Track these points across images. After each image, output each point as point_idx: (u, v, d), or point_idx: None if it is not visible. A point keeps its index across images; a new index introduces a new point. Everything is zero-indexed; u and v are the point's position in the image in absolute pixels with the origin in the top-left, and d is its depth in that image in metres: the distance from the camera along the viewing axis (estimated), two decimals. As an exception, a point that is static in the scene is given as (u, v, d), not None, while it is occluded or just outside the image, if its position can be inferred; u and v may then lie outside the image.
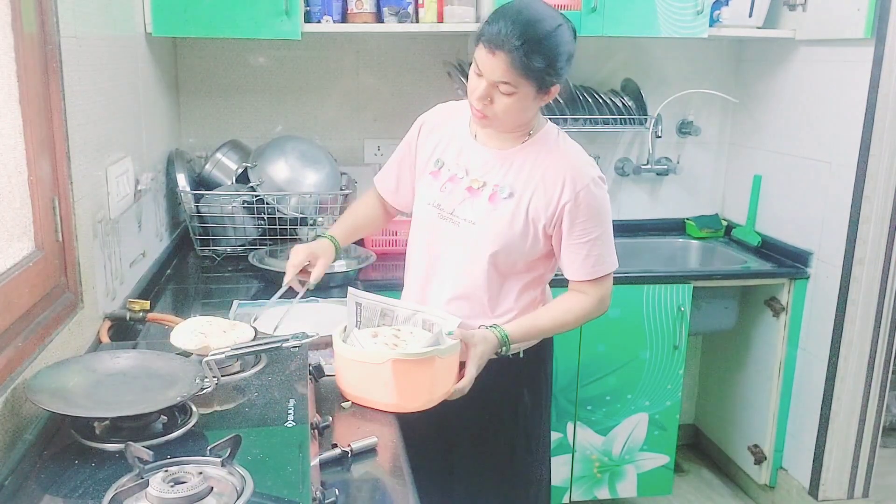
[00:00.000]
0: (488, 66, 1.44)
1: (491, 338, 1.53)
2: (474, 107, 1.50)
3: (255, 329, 1.49)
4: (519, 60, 1.40)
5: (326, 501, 1.02)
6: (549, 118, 1.68)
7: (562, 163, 1.55)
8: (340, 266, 2.20)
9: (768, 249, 2.74)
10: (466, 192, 1.60)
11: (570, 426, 2.55)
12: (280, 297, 1.73)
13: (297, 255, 1.70)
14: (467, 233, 1.59)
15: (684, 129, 2.96)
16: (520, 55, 1.40)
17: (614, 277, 2.51)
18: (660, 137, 2.84)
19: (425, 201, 1.67)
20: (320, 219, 2.44)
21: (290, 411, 1.18)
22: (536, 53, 1.41)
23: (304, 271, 1.71)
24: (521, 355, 1.68)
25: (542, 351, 1.74)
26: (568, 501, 2.62)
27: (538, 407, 1.77)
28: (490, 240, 1.57)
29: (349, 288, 1.55)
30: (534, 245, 1.58)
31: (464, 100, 1.64)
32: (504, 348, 1.54)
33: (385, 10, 2.40)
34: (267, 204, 2.41)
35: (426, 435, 1.56)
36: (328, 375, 1.51)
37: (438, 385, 1.42)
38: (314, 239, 1.89)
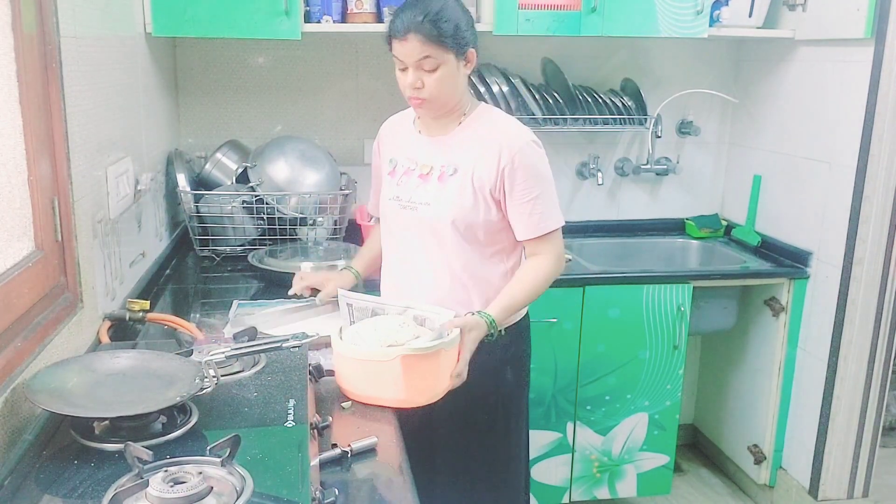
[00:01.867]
0: (406, 51, 1.58)
1: (481, 322, 1.60)
2: (411, 97, 1.65)
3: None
4: (429, 31, 1.55)
5: (326, 501, 1.02)
6: (549, 118, 1.71)
7: (495, 132, 1.68)
8: (341, 266, 2.19)
9: (768, 249, 2.74)
10: (419, 180, 1.73)
11: (569, 426, 2.55)
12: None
13: (309, 277, 1.94)
14: (425, 214, 1.71)
15: (684, 129, 2.96)
16: (428, 27, 1.55)
17: (613, 277, 2.56)
18: (659, 137, 2.84)
19: (386, 197, 1.80)
20: (320, 219, 2.44)
21: (290, 411, 1.18)
22: (441, 20, 1.56)
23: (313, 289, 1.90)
24: (503, 333, 1.73)
25: (521, 327, 1.82)
26: (568, 501, 2.62)
27: (519, 385, 1.86)
28: (446, 214, 1.69)
29: (339, 290, 1.64)
30: (487, 212, 1.68)
31: (407, 109, 1.83)
32: (492, 331, 1.61)
33: (385, 10, 2.39)
34: (267, 204, 2.41)
35: (409, 414, 1.57)
36: (328, 375, 1.51)
37: (442, 377, 1.47)
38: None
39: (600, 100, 2.72)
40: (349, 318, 1.59)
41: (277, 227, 2.43)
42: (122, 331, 1.68)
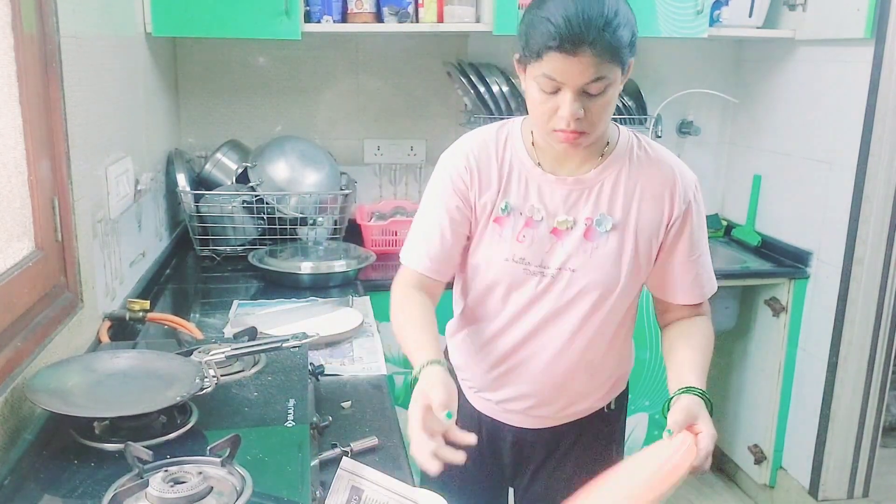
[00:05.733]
0: (573, 71, 1.15)
1: (696, 400, 1.20)
2: (561, 131, 1.21)
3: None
4: (609, 44, 1.14)
5: (326, 502, 1.02)
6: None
7: (663, 170, 1.32)
8: (340, 266, 2.20)
9: (768, 249, 2.74)
10: (552, 237, 1.31)
11: (569, 426, 2.55)
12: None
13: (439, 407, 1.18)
14: (568, 283, 1.32)
15: (684, 129, 2.96)
16: (609, 37, 1.13)
17: None
18: (660, 137, 2.83)
19: (501, 256, 1.33)
20: (320, 219, 2.44)
21: (290, 411, 1.18)
22: (622, 27, 1.15)
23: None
24: (613, 406, 1.47)
25: (624, 396, 1.53)
26: (568, 501, 2.62)
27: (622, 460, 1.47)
28: (600, 282, 1.31)
29: (342, 466, 1.10)
30: (640, 277, 1.36)
31: (484, 126, 1.42)
32: (702, 394, 1.22)
33: (385, 10, 2.40)
34: (267, 204, 2.41)
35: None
36: (328, 375, 1.51)
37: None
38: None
39: (600, 100, 2.72)
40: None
41: (277, 227, 2.43)
42: (122, 331, 1.68)
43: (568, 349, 1.36)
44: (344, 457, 1.15)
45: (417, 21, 2.41)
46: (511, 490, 1.60)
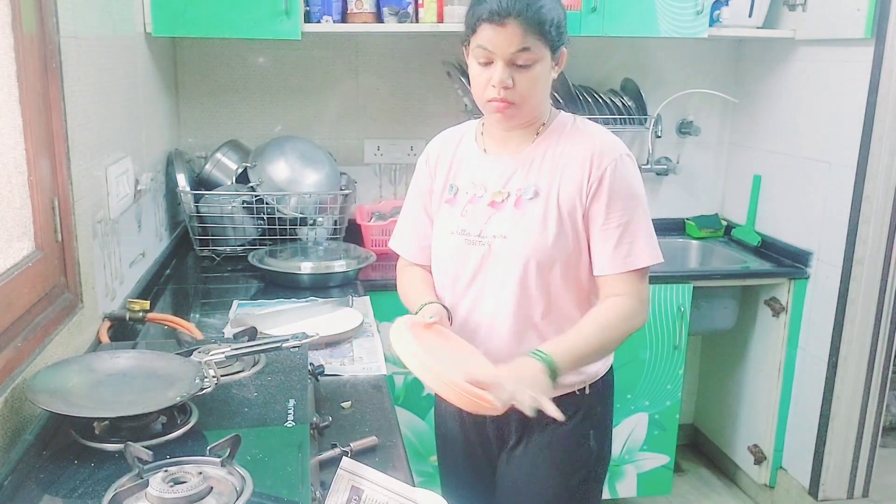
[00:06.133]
0: (501, 40, 1.29)
1: (531, 362, 1.28)
2: (493, 100, 1.34)
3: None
4: (533, 18, 1.29)
5: (326, 502, 1.02)
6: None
7: (584, 143, 1.39)
8: (340, 266, 2.20)
9: (768, 249, 2.74)
10: (490, 209, 1.43)
11: (569, 426, 2.55)
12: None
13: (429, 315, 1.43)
14: (501, 249, 1.41)
15: (684, 129, 2.96)
16: (533, 11, 1.29)
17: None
18: (659, 137, 2.84)
19: (447, 231, 1.47)
20: (320, 219, 2.44)
21: (290, 411, 1.18)
22: (546, 7, 1.30)
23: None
24: (587, 391, 1.48)
25: (606, 383, 1.54)
26: (568, 501, 2.62)
27: (602, 455, 1.54)
28: (528, 246, 1.39)
29: (342, 465, 1.13)
30: (576, 242, 1.40)
31: (459, 124, 1.57)
32: (547, 362, 1.28)
33: (385, 10, 2.40)
34: (267, 204, 2.41)
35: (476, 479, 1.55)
36: (328, 375, 1.51)
37: None
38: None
39: (600, 100, 2.72)
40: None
41: (277, 227, 2.43)
42: (122, 331, 1.68)
43: (513, 317, 1.42)
44: (344, 457, 1.15)
45: (417, 21, 2.41)
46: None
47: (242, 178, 2.46)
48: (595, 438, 1.51)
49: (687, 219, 3.01)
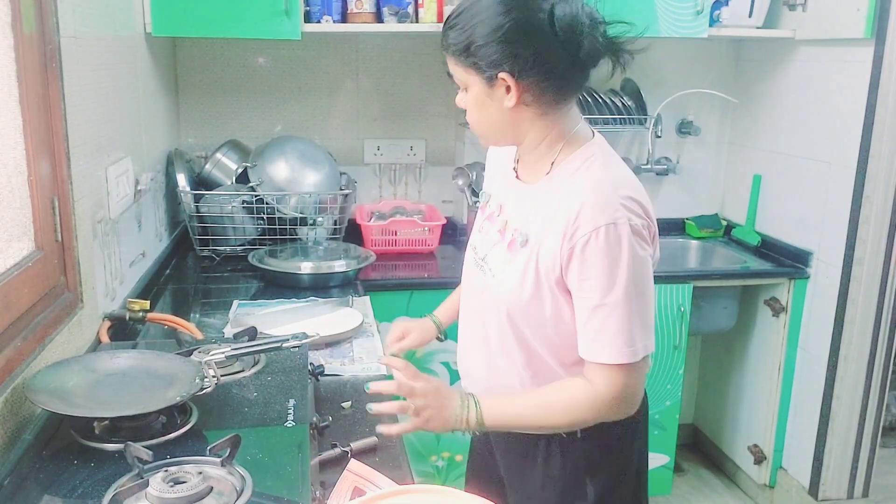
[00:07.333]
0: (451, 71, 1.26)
1: (456, 395, 1.24)
2: None
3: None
4: (446, 46, 1.21)
5: (326, 502, 1.02)
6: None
7: (576, 196, 1.17)
8: (340, 266, 2.20)
9: (768, 249, 2.74)
10: (498, 235, 1.32)
11: (569, 426, 2.55)
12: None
13: (395, 329, 1.58)
14: (491, 285, 1.30)
15: (684, 128, 2.96)
16: (445, 40, 1.21)
17: None
18: (659, 137, 2.84)
19: (470, 243, 1.42)
20: (320, 219, 2.44)
21: (290, 411, 1.18)
22: (453, 29, 1.19)
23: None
24: (579, 435, 1.30)
25: (613, 436, 1.33)
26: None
27: (605, 502, 1.36)
28: (505, 297, 1.26)
29: (348, 468, 1.14)
30: (555, 306, 1.22)
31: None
32: (467, 411, 1.22)
33: (385, 10, 2.40)
34: (267, 204, 2.41)
35: None
36: (328, 375, 1.51)
37: None
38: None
39: (600, 100, 2.72)
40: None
41: (277, 227, 2.43)
42: (122, 331, 1.68)
43: (494, 356, 1.33)
44: (353, 459, 1.15)
45: (417, 21, 2.41)
46: None
47: (242, 178, 2.46)
48: (593, 486, 1.34)
49: (687, 219, 3.01)
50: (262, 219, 2.43)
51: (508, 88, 1.18)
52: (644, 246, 1.18)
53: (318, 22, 2.36)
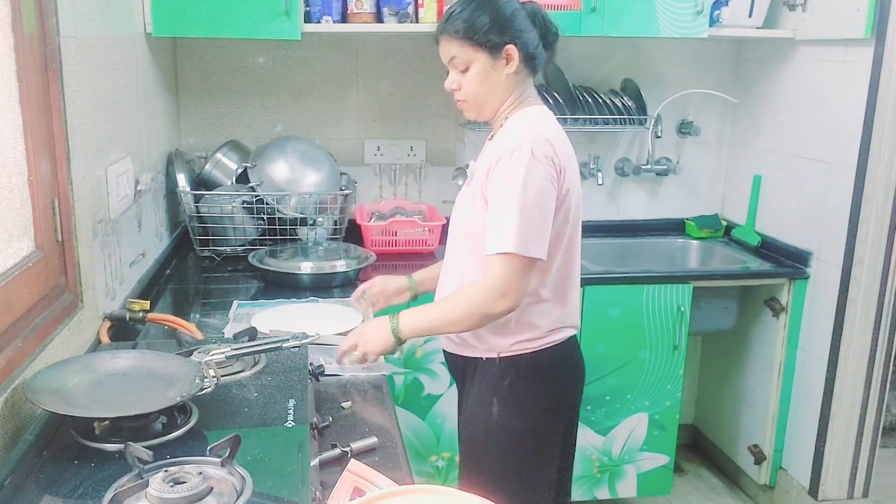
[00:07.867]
0: (443, 53, 1.55)
1: (384, 318, 1.53)
2: (455, 100, 1.60)
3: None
4: (457, 31, 1.50)
5: (326, 502, 1.02)
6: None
7: (507, 137, 1.52)
8: (341, 266, 2.20)
9: (768, 249, 2.74)
10: (466, 186, 1.65)
11: (569, 426, 2.55)
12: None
13: (366, 284, 1.84)
14: (455, 217, 1.65)
15: (684, 129, 2.96)
16: (454, 26, 1.51)
17: (613, 277, 2.38)
18: (659, 137, 2.84)
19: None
20: (320, 219, 2.44)
21: (290, 411, 1.18)
22: (458, 20, 1.50)
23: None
24: (498, 361, 1.59)
25: (522, 360, 1.58)
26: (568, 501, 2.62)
27: (507, 427, 1.59)
28: (461, 224, 1.61)
29: (348, 468, 1.12)
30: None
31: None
32: (390, 326, 1.51)
33: (385, 10, 2.40)
34: (267, 204, 2.41)
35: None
36: (328, 375, 1.51)
37: None
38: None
39: (600, 100, 2.72)
40: None
41: (277, 227, 2.43)
42: (123, 331, 1.68)
43: (460, 279, 1.58)
44: (353, 459, 1.15)
45: (417, 21, 2.41)
46: None
47: (242, 179, 2.46)
48: (499, 407, 1.59)
49: (687, 219, 3.01)
50: (263, 219, 2.43)
51: (508, 59, 1.52)
52: (545, 170, 1.46)
53: (318, 22, 2.36)
